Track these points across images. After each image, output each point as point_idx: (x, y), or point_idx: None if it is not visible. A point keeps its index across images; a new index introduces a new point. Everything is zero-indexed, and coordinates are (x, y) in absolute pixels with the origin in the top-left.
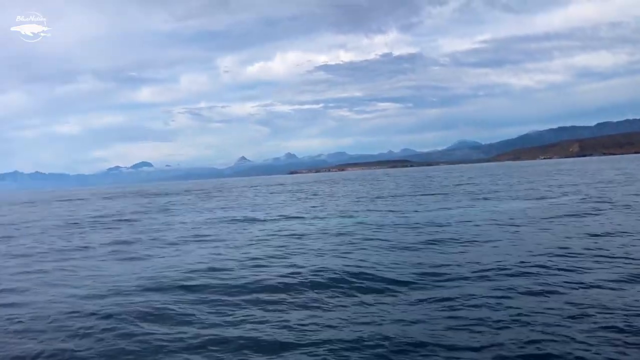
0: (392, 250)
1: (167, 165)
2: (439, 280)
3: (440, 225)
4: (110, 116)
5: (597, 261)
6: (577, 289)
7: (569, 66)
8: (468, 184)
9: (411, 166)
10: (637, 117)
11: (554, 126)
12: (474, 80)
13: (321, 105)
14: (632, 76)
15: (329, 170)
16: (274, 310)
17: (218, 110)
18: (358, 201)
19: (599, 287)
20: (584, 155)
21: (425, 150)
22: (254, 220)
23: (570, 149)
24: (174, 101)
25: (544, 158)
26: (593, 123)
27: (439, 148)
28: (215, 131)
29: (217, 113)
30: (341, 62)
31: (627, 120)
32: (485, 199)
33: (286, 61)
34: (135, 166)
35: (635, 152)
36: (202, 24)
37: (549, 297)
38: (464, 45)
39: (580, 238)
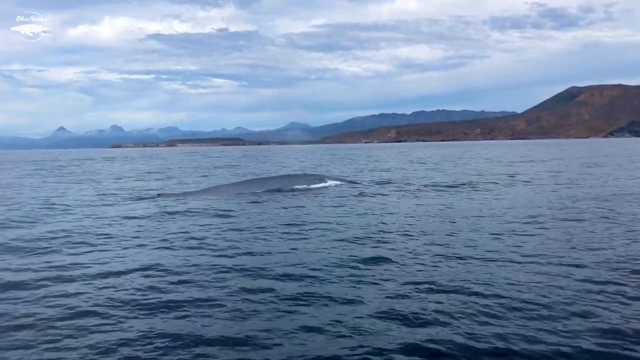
0: None
1: None
2: None
3: None
4: None
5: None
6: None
7: (393, 57)
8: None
9: (243, 144)
10: (447, 108)
11: (376, 112)
12: (307, 63)
13: (153, 76)
14: (446, 70)
15: (157, 146)
16: None
17: (34, 74)
18: None
19: None
20: (400, 141)
21: (259, 129)
22: None
23: (389, 135)
24: None
25: (366, 142)
26: (410, 111)
27: (272, 128)
28: (30, 97)
29: (33, 77)
30: (175, 33)
31: (439, 111)
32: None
33: (115, 26)
34: None
35: (442, 140)
36: None
37: None
38: (300, 28)
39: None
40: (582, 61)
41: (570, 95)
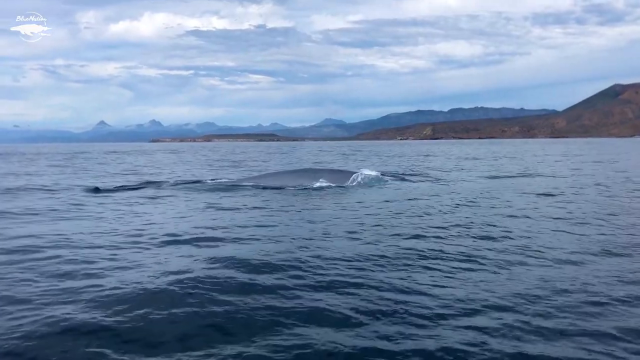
0: None
1: (15, 126)
2: None
3: None
4: None
5: None
6: None
7: (431, 52)
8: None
9: (278, 140)
10: (485, 105)
11: (413, 109)
12: (344, 59)
13: (191, 72)
14: (485, 67)
15: (194, 140)
16: None
17: (76, 69)
18: None
19: None
20: (436, 139)
21: (294, 125)
22: None
23: (424, 132)
24: (26, 56)
25: (401, 139)
26: (447, 108)
27: (307, 124)
28: (73, 91)
29: (76, 72)
30: (213, 29)
31: (477, 108)
32: None
33: (155, 22)
34: None
35: (479, 138)
36: None
37: None
38: (337, 24)
39: None
40: (627, 58)
41: (614, 93)
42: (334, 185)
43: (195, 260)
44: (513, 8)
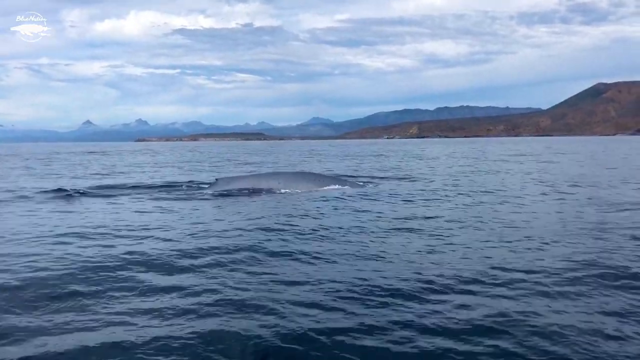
0: None
1: None
2: None
3: None
4: None
5: None
6: None
7: (418, 52)
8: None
9: (264, 139)
10: (471, 104)
11: (399, 108)
12: (331, 58)
13: (177, 70)
14: (471, 66)
15: (181, 140)
16: None
17: (61, 68)
18: None
19: None
20: (422, 137)
21: (281, 124)
22: None
23: (410, 130)
24: (10, 54)
25: (388, 137)
26: (433, 107)
27: (294, 123)
28: (58, 91)
29: (61, 71)
30: (200, 28)
31: (462, 107)
32: None
33: (141, 21)
34: None
35: (465, 136)
36: None
37: None
38: (324, 23)
39: None
40: (611, 57)
41: (597, 92)
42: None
43: None
44: (499, 7)
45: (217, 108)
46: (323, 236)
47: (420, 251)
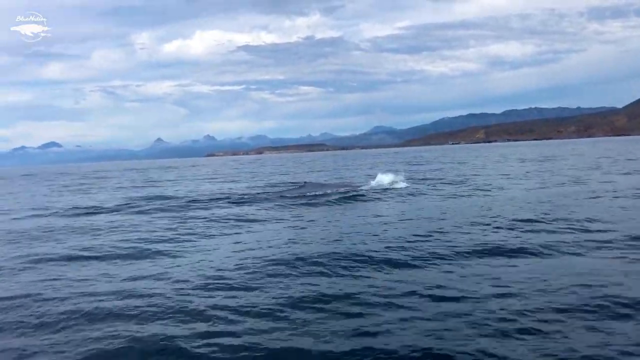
0: None
1: (77, 146)
2: None
3: None
4: (14, 93)
5: None
6: None
7: (482, 55)
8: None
9: (327, 150)
10: (540, 106)
11: (465, 113)
12: (392, 66)
13: (242, 86)
14: (539, 66)
15: (247, 153)
16: None
17: (133, 89)
18: None
19: None
20: (489, 141)
21: (343, 134)
22: None
23: (477, 135)
24: (86, 78)
25: (453, 143)
26: (500, 110)
27: (357, 133)
28: (130, 111)
29: (132, 92)
30: (263, 44)
31: (531, 108)
32: None
33: (206, 40)
34: (43, 146)
35: (535, 139)
36: None
37: None
38: (385, 31)
39: None
40: None
41: None
42: None
43: None
44: (566, 4)
45: (281, 121)
46: None
47: None
